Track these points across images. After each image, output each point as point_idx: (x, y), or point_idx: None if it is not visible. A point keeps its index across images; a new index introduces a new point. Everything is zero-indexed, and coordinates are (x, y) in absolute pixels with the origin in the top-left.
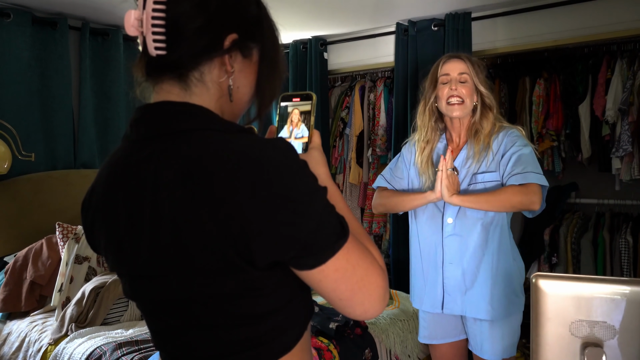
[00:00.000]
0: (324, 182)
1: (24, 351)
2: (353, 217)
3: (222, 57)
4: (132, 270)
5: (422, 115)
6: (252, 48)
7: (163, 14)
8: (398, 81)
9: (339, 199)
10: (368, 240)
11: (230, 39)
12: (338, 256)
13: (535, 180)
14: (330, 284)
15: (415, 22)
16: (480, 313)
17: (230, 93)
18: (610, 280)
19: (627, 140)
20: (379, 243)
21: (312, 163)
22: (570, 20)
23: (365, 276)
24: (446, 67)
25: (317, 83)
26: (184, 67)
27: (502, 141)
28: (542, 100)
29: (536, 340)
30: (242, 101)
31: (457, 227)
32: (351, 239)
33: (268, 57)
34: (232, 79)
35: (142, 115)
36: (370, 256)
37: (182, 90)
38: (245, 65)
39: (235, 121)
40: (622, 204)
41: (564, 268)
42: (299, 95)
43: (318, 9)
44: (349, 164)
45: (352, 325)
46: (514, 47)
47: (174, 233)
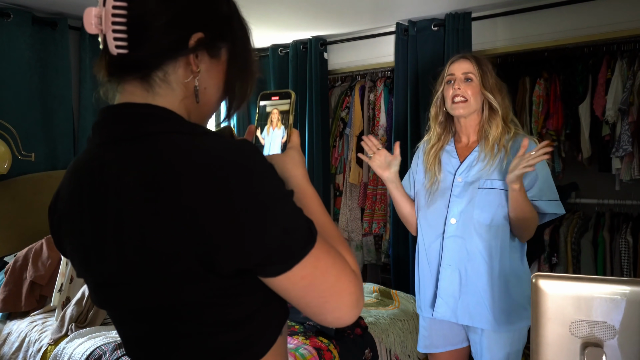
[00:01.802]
0: (300, 184)
1: (24, 351)
2: (328, 219)
3: (187, 57)
4: (98, 278)
5: (432, 116)
6: (220, 48)
7: (125, 11)
8: (398, 81)
9: (314, 202)
10: (342, 244)
11: (195, 38)
12: (305, 263)
13: (555, 210)
14: (297, 292)
15: (415, 22)
16: (476, 321)
17: (196, 94)
18: (610, 280)
19: (627, 140)
20: (379, 243)
21: (289, 164)
22: (570, 20)
23: (336, 283)
24: (452, 67)
25: (317, 83)
26: (147, 67)
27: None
28: (542, 100)
29: (536, 340)
30: (210, 102)
31: (460, 228)
32: (320, 245)
33: (238, 57)
34: (199, 80)
35: (103, 118)
36: (342, 262)
37: (145, 91)
38: (212, 66)
39: (204, 122)
40: (622, 204)
41: (564, 268)
42: (277, 94)
43: (318, 9)
44: (349, 164)
45: (352, 325)
46: (514, 47)
47: (137, 240)
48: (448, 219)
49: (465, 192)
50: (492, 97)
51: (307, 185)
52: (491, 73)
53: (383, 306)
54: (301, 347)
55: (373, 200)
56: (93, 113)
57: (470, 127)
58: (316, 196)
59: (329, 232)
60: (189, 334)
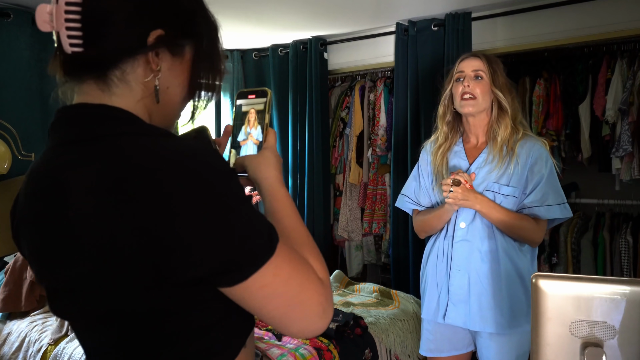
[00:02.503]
0: (272, 186)
1: (24, 351)
2: (299, 224)
3: (147, 55)
4: (53, 283)
5: (440, 115)
6: (183, 45)
7: (79, 7)
8: (398, 81)
9: (286, 205)
10: (312, 251)
11: (154, 35)
12: (264, 272)
13: (558, 215)
14: (256, 302)
15: (415, 22)
16: (485, 326)
17: (157, 93)
18: (610, 280)
19: (627, 140)
20: (379, 243)
21: (262, 165)
22: (570, 20)
23: (299, 293)
24: (461, 64)
25: (317, 83)
26: (103, 66)
27: (528, 154)
28: (542, 100)
29: (536, 340)
30: (173, 102)
31: (469, 232)
32: (282, 252)
33: (204, 56)
34: (159, 79)
35: (58, 119)
36: (307, 270)
37: (101, 91)
38: (175, 64)
39: (170, 124)
40: (622, 204)
41: (564, 268)
42: (254, 92)
43: (318, 9)
44: (349, 164)
45: (352, 325)
46: (514, 47)
47: (89, 247)
48: (457, 222)
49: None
50: (502, 96)
51: (280, 188)
52: (501, 72)
53: (383, 306)
54: (301, 347)
55: (373, 200)
56: None
57: (479, 127)
58: (288, 199)
59: (298, 237)
60: (146, 344)
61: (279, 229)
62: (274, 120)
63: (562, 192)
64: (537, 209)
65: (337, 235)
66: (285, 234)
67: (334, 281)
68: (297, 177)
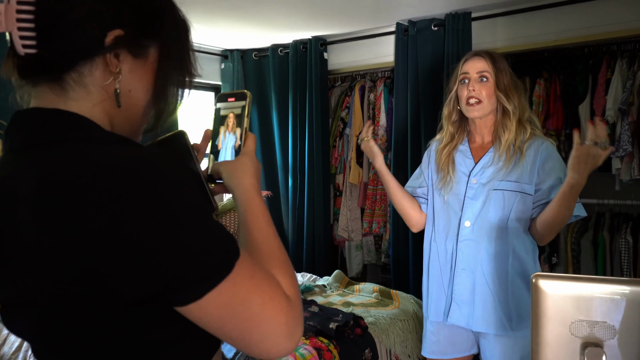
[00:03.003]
0: (246, 195)
1: (24, 351)
2: (271, 237)
3: (105, 57)
4: (3, 297)
5: (445, 116)
6: (147, 46)
7: (32, 6)
8: (398, 81)
9: (258, 216)
10: (282, 265)
11: (113, 35)
12: (220, 290)
13: (576, 212)
14: (213, 322)
15: (415, 22)
16: (490, 327)
17: (117, 97)
18: (610, 280)
19: (627, 140)
20: (379, 243)
21: (237, 172)
22: (570, 20)
23: (261, 312)
24: (466, 65)
25: (317, 83)
26: (59, 68)
27: (537, 153)
28: (542, 100)
29: (536, 340)
30: (136, 107)
31: (475, 231)
32: (242, 269)
33: (170, 58)
34: (120, 82)
35: (11, 124)
36: (272, 288)
37: (57, 94)
38: (137, 66)
39: (135, 129)
40: (622, 204)
41: (564, 268)
42: (234, 95)
43: (318, 9)
44: (349, 164)
45: (352, 325)
46: (514, 47)
47: (32, 261)
48: (462, 221)
49: (480, 194)
50: (505, 99)
51: (254, 197)
52: (506, 71)
53: (383, 306)
54: (301, 347)
55: (373, 200)
56: None
57: (485, 128)
58: (262, 209)
59: (268, 251)
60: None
61: (248, 241)
62: (274, 120)
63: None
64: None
65: (337, 235)
66: (254, 247)
67: (334, 281)
68: (297, 177)
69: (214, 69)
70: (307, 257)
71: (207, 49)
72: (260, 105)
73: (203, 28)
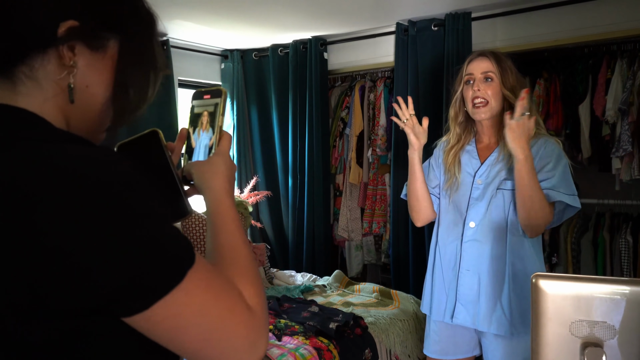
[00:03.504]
0: (216, 197)
1: None
2: (240, 242)
3: (59, 49)
4: None
5: (451, 117)
6: (106, 39)
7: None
8: (398, 81)
9: (227, 220)
10: (247, 273)
11: (66, 26)
12: (170, 300)
13: (569, 200)
14: (164, 335)
15: (415, 22)
16: (496, 327)
17: (70, 92)
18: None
19: (627, 140)
20: (379, 243)
21: (207, 173)
22: (570, 20)
23: (218, 325)
24: (470, 66)
25: (317, 83)
26: (8, 61)
27: (538, 150)
28: (542, 100)
29: (536, 340)
30: (94, 104)
31: (479, 232)
32: (197, 277)
33: (132, 52)
34: (75, 76)
35: None
36: (232, 298)
37: (5, 89)
38: (96, 60)
39: (94, 128)
40: (622, 204)
41: (564, 268)
42: (209, 92)
43: (318, 9)
44: (349, 164)
45: (352, 325)
46: (514, 47)
47: None
48: (467, 222)
49: (485, 194)
50: (512, 97)
51: (224, 200)
52: (511, 70)
53: (383, 306)
54: (301, 347)
55: (373, 200)
56: None
57: (491, 128)
58: (231, 213)
59: (233, 258)
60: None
61: (213, 247)
62: (274, 120)
63: (574, 187)
64: (547, 191)
65: (337, 235)
66: (218, 253)
67: (334, 281)
68: (297, 177)
69: (214, 69)
70: (307, 257)
71: (207, 49)
72: (260, 105)
73: (203, 28)
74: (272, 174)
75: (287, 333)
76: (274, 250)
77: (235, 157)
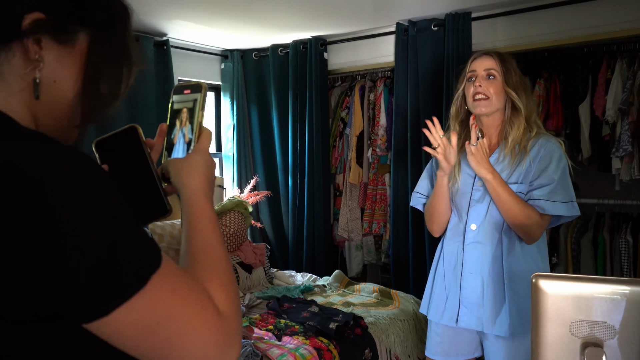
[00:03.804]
0: (192, 196)
1: None
2: (215, 243)
3: (24, 42)
4: None
5: (452, 115)
6: (75, 32)
7: None
8: (398, 81)
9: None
10: (217, 277)
11: (31, 18)
12: (132, 306)
13: (564, 212)
14: (127, 341)
15: (415, 22)
16: (499, 329)
17: (35, 88)
18: (610, 280)
19: (627, 140)
20: (379, 243)
21: (184, 170)
22: (570, 20)
23: (184, 331)
24: (474, 64)
25: (317, 83)
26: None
27: (539, 151)
28: (542, 100)
29: (536, 340)
30: (63, 99)
31: (481, 234)
32: (162, 282)
33: (103, 45)
34: (42, 71)
35: None
36: (200, 303)
37: None
38: (64, 54)
39: (63, 124)
40: (622, 204)
41: (564, 268)
42: (190, 87)
43: (318, 9)
44: (349, 164)
45: (352, 325)
46: (514, 47)
47: None
48: (468, 224)
49: (485, 196)
50: (515, 95)
51: (200, 199)
52: (515, 70)
53: (383, 306)
54: (301, 347)
55: (373, 200)
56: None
57: (492, 127)
58: (208, 213)
59: (205, 260)
60: None
61: (187, 248)
62: (274, 120)
63: (572, 191)
64: (543, 202)
65: (337, 235)
66: (190, 255)
67: (334, 281)
68: (297, 177)
69: (214, 69)
70: (307, 257)
71: (207, 49)
72: (260, 105)
73: (203, 28)
74: (272, 174)
75: (287, 333)
76: (274, 250)
77: (235, 157)
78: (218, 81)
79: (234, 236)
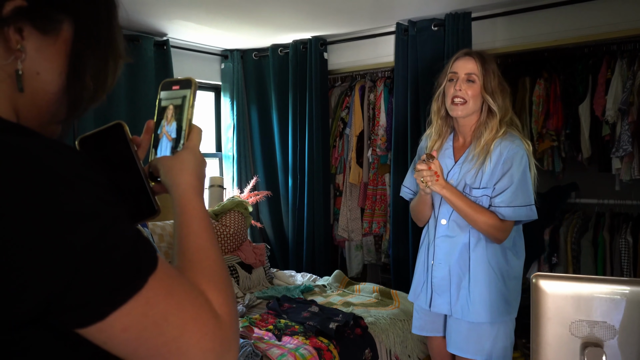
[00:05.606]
0: (183, 195)
1: None
2: (209, 243)
3: (4, 31)
4: None
5: (434, 111)
6: (58, 21)
7: None
8: (398, 81)
9: (194, 219)
10: (214, 279)
11: (12, 5)
12: (128, 310)
13: (524, 217)
14: (122, 347)
15: (415, 22)
16: (465, 314)
17: (18, 79)
18: (610, 280)
19: (627, 140)
20: (379, 243)
21: (174, 168)
22: (570, 20)
23: (180, 336)
24: (455, 65)
25: (317, 83)
26: None
27: (501, 153)
28: (542, 100)
29: (536, 340)
30: (46, 92)
31: (450, 228)
32: (159, 284)
33: (89, 35)
34: (24, 62)
35: None
36: (195, 306)
37: None
38: (47, 44)
39: (47, 118)
40: (622, 204)
41: (564, 268)
42: (179, 83)
43: (318, 9)
44: (349, 164)
45: (352, 325)
46: (514, 47)
47: None
48: (439, 219)
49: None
50: (491, 101)
51: (192, 198)
52: (495, 73)
53: (383, 306)
54: (301, 347)
55: (373, 200)
56: (93, 113)
57: (467, 127)
58: (200, 212)
59: (200, 261)
60: None
61: (179, 249)
62: (274, 120)
63: (531, 193)
64: (503, 210)
65: (337, 235)
66: (184, 256)
67: (334, 281)
68: (297, 177)
69: (214, 69)
70: (307, 257)
71: (207, 49)
72: (260, 105)
73: (203, 28)
74: (272, 174)
75: (287, 333)
76: (274, 250)
77: (235, 157)
78: (218, 81)
79: (233, 236)
